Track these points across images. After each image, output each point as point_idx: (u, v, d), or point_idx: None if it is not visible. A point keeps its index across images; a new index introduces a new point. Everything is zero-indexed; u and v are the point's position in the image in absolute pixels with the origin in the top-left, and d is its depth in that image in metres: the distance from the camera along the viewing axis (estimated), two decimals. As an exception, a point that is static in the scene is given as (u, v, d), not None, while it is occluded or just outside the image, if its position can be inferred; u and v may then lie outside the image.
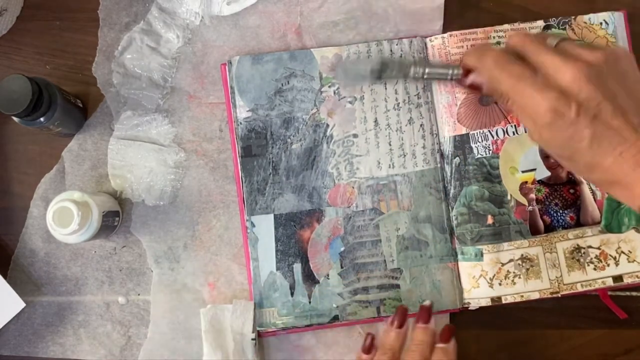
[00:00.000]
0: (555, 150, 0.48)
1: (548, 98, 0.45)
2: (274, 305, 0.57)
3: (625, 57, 0.47)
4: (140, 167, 0.59)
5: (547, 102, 0.45)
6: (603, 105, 0.44)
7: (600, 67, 0.46)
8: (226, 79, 0.59)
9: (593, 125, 0.44)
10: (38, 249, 0.59)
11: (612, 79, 0.46)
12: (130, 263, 0.59)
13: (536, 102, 0.46)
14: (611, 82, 0.45)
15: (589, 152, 0.45)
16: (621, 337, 0.59)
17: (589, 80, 0.45)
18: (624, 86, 0.46)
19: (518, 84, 0.47)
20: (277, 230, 0.57)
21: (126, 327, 0.59)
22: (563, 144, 0.46)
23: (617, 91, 0.45)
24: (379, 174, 0.58)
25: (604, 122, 0.44)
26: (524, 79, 0.47)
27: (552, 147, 0.48)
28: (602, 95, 0.45)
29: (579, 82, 0.45)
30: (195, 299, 0.58)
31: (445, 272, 0.57)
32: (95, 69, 0.60)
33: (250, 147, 0.58)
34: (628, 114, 0.44)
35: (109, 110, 0.60)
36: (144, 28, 0.60)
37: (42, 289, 0.59)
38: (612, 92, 0.45)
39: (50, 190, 0.59)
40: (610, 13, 0.58)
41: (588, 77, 0.45)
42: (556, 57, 0.46)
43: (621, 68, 0.47)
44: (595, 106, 0.44)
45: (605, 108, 0.44)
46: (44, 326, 0.58)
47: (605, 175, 0.45)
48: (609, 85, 0.45)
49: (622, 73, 0.47)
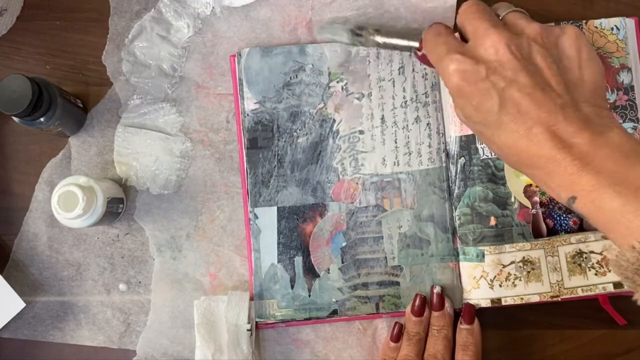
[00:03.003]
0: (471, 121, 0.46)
1: (453, 59, 0.44)
2: (274, 297, 0.57)
3: (568, 38, 0.45)
4: (146, 155, 0.59)
5: (453, 64, 0.44)
6: (520, 76, 0.43)
7: (529, 40, 0.44)
8: (235, 70, 0.59)
9: (505, 92, 0.43)
10: (41, 232, 0.59)
11: (542, 55, 0.44)
12: (132, 251, 0.59)
13: (445, 64, 0.45)
14: (539, 57, 0.44)
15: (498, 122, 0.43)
16: (621, 337, 0.59)
17: (508, 48, 0.43)
18: (557, 65, 0.44)
19: (438, 50, 0.46)
20: (280, 223, 0.57)
21: (126, 314, 0.59)
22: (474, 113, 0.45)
23: (545, 67, 0.43)
24: (384, 171, 0.58)
25: (519, 93, 0.42)
26: (444, 45, 0.46)
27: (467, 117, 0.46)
28: (520, 66, 0.43)
29: (497, 48, 0.43)
30: (196, 289, 0.59)
31: (446, 271, 0.57)
32: (105, 57, 0.60)
33: (256, 139, 0.58)
34: (552, 92, 0.42)
35: (117, 97, 0.60)
36: (154, 16, 0.60)
37: (43, 272, 0.59)
38: (537, 67, 0.43)
39: (55, 174, 0.60)
40: (622, 19, 0.58)
41: (508, 46, 0.43)
42: (486, 25, 0.45)
43: (560, 47, 0.45)
44: (510, 75, 0.43)
45: (522, 79, 0.42)
46: (44, 310, 0.59)
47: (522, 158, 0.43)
48: (535, 59, 0.44)
49: (559, 51, 0.45)
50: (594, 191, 0.40)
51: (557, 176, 0.42)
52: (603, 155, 0.40)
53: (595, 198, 0.40)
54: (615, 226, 0.40)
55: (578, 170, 0.40)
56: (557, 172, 0.41)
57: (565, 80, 0.44)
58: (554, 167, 0.41)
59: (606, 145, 0.41)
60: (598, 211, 0.40)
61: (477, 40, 0.45)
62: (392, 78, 0.58)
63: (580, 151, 0.41)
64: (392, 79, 0.58)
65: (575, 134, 0.41)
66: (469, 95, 0.44)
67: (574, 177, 0.41)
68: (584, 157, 0.41)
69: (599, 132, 0.41)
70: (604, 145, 0.41)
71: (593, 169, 0.40)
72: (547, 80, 0.43)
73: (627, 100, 0.58)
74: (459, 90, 0.45)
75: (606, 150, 0.41)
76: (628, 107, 0.58)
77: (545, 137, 0.41)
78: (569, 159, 0.41)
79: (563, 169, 0.41)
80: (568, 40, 0.45)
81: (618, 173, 0.40)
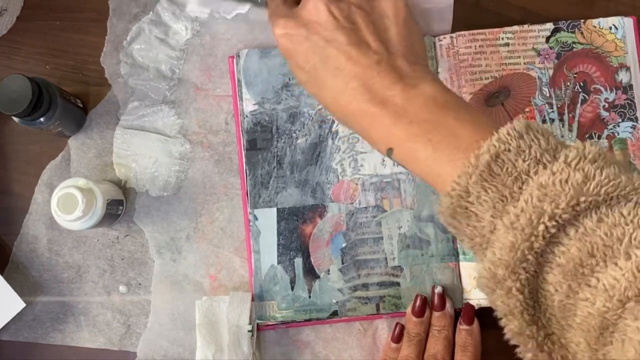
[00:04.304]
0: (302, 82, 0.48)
1: (279, 24, 0.47)
2: (274, 299, 0.57)
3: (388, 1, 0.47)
4: (145, 157, 0.59)
5: (279, 28, 0.47)
6: (337, 34, 0.45)
7: (350, 2, 0.46)
8: (233, 71, 0.59)
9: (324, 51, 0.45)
10: (41, 235, 0.59)
11: (361, 15, 0.46)
12: (132, 252, 0.59)
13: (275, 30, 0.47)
14: (358, 17, 0.46)
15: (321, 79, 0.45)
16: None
17: (327, 8, 0.46)
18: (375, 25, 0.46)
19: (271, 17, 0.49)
20: (280, 224, 0.57)
21: (126, 316, 0.59)
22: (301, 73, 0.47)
23: (363, 27, 0.45)
24: (383, 171, 0.58)
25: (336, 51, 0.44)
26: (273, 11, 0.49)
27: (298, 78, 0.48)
28: (338, 25, 0.45)
29: (317, 9, 0.46)
30: (196, 291, 0.58)
31: (446, 271, 0.57)
32: (103, 59, 0.60)
33: (255, 140, 0.58)
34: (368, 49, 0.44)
35: (115, 99, 0.60)
36: (152, 19, 0.60)
37: (43, 275, 0.59)
38: (355, 26, 0.45)
39: (55, 177, 0.60)
40: (620, 18, 0.58)
41: (328, 6, 0.46)
42: None
43: (379, 9, 0.47)
44: (328, 34, 0.45)
45: (340, 37, 0.45)
46: (44, 312, 0.59)
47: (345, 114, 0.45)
48: (354, 18, 0.46)
49: (377, 13, 0.47)
50: (408, 142, 0.41)
51: (375, 129, 0.43)
52: (416, 106, 0.41)
53: (409, 148, 0.41)
54: (431, 175, 0.41)
55: (393, 122, 0.42)
56: (375, 125, 0.43)
57: (381, 39, 0.45)
58: (372, 120, 0.43)
59: (419, 97, 0.42)
60: (414, 161, 0.41)
61: (302, 3, 0.47)
62: None
63: (394, 103, 0.42)
64: None
65: (388, 88, 0.42)
66: (295, 55, 0.46)
67: (390, 129, 0.42)
68: (398, 109, 0.42)
69: (412, 85, 0.42)
70: (417, 97, 0.42)
71: (406, 120, 0.41)
72: (364, 38, 0.45)
73: (626, 99, 0.58)
74: (287, 51, 0.47)
75: (419, 101, 0.42)
76: (627, 106, 0.58)
77: (361, 91, 0.43)
78: (384, 111, 0.42)
79: (380, 121, 0.42)
80: (387, 3, 0.47)
81: (430, 122, 0.41)
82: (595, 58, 0.58)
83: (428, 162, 0.40)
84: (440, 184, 0.40)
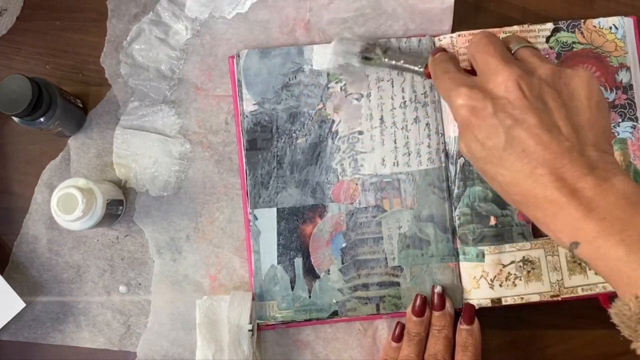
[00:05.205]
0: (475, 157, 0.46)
1: (461, 93, 0.44)
2: (274, 299, 0.57)
3: (580, 81, 0.45)
4: (145, 157, 0.59)
5: (461, 98, 0.44)
6: (528, 115, 0.42)
7: (541, 80, 0.44)
8: (233, 71, 0.59)
9: (511, 131, 0.42)
10: (41, 235, 0.59)
11: (552, 96, 0.44)
12: (132, 252, 0.59)
13: (453, 98, 0.45)
14: (549, 97, 0.44)
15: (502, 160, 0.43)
16: (621, 337, 0.59)
17: (518, 86, 0.43)
18: (567, 107, 0.44)
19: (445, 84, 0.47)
20: (280, 224, 0.57)
21: (126, 316, 0.59)
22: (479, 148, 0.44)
23: (554, 109, 0.43)
24: (383, 171, 0.58)
25: (525, 133, 0.42)
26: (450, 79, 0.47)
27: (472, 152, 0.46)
28: (528, 105, 0.43)
29: (507, 85, 0.43)
30: (196, 291, 0.58)
31: (446, 271, 0.57)
32: (103, 59, 0.60)
33: (255, 140, 0.58)
34: (559, 134, 0.42)
35: (115, 99, 0.60)
36: (152, 19, 0.60)
37: (43, 275, 0.59)
38: (546, 107, 0.43)
39: (55, 177, 0.60)
40: (620, 18, 0.58)
41: (519, 84, 0.43)
42: (498, 60, 0.45)
43: (570, 89, 0.45)
44: (517, 114, 0.43)
45: (530, 119, 0.42)
46: (44, 312, 0.59)
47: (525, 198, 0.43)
48: (545, 99, 0.43)
49: (569, 93, 0.45)
50: (599, 238, 0.39)
51: (559, 220, 0.41)
52: (609, 202, 0.40)
53: (599, 245, 0.39)
54: (618, 275, 0.39)
55: (583, 216, 0.40)
56: (560, 215, 0.41)
57: (573, 124, 0.43)
58: (557, 210, 0.41)
59: (611, 192, 0.40)
60: (601, 258, 0.39)
61: (487, 75, 0.45)
62: (391, 78, 0.58)
63: (584, 196, 0.40)
64: (391, 79, 0.58)
65: (580, 179, 0.41)
66: (476, 130, 0.44)
67: (578, 223, 0.40)
68: (589, 202, 0.40)
69: (604, 178, 0.41)
70: (608, 192, 0.40)
71: (598, 216, 0.39)
72: (555, 121, 0.43)
73: (626, 99, 0.58)
74: (467, 123, 0.45)
75: (611, 196, 0.40)
76: (627, 106, 0.58)
77: (550, 179, 0.41)
78: (573, 203, 0.40)
79: (567, 213, 0.40)
80: (580, 84, 0.45)
81: (622, 221, 0.39)
82: (596, 58, 0.58)
83: (618, 263, 0.38)
84: (626, 287, 0.38)
